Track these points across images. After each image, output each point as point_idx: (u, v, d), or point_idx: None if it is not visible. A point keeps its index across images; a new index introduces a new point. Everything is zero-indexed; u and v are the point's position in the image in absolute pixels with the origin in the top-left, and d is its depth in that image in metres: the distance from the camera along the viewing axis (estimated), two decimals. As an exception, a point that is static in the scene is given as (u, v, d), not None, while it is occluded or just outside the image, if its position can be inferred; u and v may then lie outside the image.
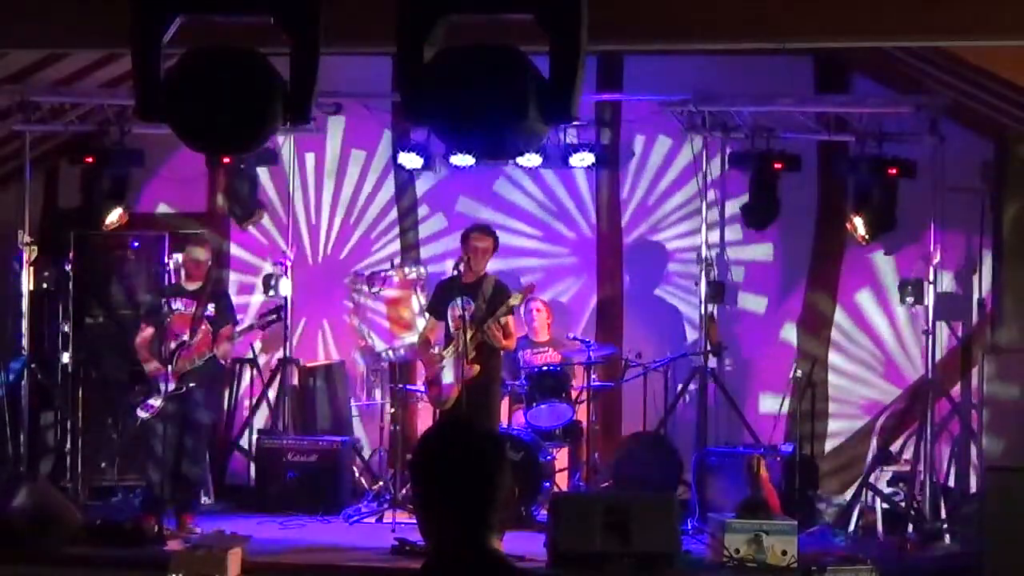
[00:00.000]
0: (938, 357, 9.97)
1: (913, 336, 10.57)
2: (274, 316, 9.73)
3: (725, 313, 10.73)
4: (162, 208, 11.42)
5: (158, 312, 9.10)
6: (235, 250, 11.50)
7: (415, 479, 2.92)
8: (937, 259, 9.75)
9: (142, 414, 9.00)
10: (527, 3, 4.49)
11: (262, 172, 10.95)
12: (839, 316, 10.89)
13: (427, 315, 9.87)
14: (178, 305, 9.08)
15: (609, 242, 11.18)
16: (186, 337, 8.98)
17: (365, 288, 10.88)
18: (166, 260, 10.65)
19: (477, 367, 9.16)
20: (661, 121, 10.65)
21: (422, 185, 11.32)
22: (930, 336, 9.82)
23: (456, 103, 4.44)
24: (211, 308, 9.13)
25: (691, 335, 10.79)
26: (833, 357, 10.85)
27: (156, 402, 8.88)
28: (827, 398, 10.80)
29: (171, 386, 8.91)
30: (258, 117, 4.66)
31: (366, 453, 10.84)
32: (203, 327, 9.14)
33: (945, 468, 9.96)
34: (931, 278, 9.76)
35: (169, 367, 8.88)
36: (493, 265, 9.79)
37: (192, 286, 9.16)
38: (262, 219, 11.05)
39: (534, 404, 9.76)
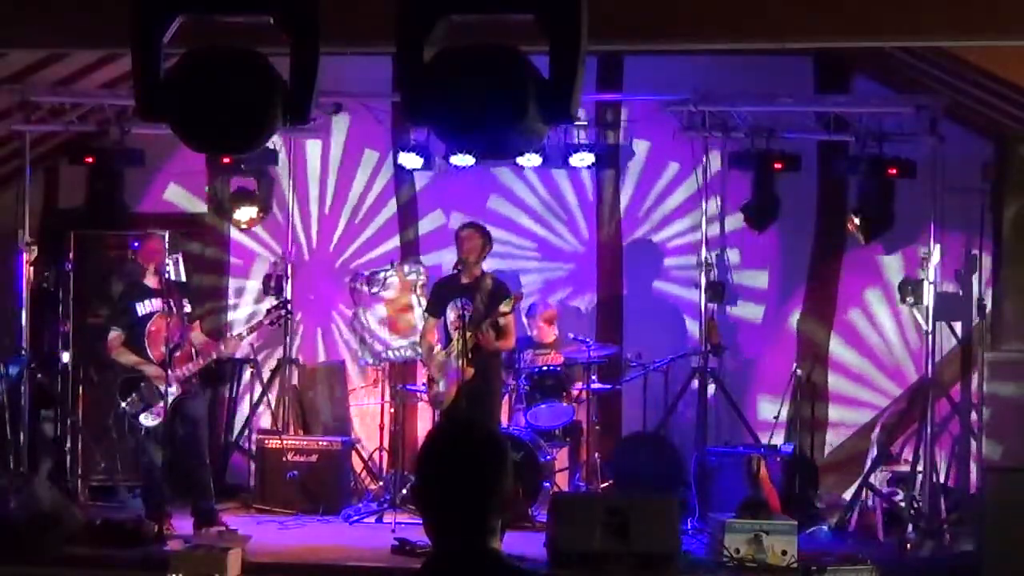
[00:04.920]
0: (938, 357, 9.97)
1: (913, 336, 10.57)
2: (282, 311, 9.70)
3: (725, 313, 10.73)
4: (162, 208, 11.41)
5: (127, 314, 9.00)
6: (235, 250, 11.49)
7: (418, 479, 2.93)
8: (937, 259, 9.74)
9: (148, 422, 8.91)
10: (527, 3, 4.48)
11: (262, 172, 10.94)
12: (839, 316, 10.89)
13: (426, 315, 9.89)
14: (155, 306, 8.96)
15: (609, 242, 11.17)
16: (176, 337, 8.93)
17: (365, 288, 10.88)
18: (166, 260, 10.63)
19: (471, 370, 9.16)
20: (661, 121, 10.65)
21: (422, 185, 11.32)
22: (930, 336, 9.82)
23: (456, 103, 4.43)
24: (186, 304, 9.10)
25: (691, 335, 10.78)
26: (833, 357, 10.86)
27: (159, 409, 8.82)
28: (827, 398, 10.81)
29: (176, 390, 8.88)
30: (258, 117, 4.65)
31: (366, 453, 10.84)
32: (194, 325, 9.14)
33: (945, 468, 9.95)
34: (931, 278, 9.75)
35: (170, 371, 8.83)
36: (493, 265, 9.80)
37: (156, 284, 9.03)
38: (262, 219, 11.04)
39: (534, 404, 9.77)
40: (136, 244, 9.33)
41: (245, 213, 10.76)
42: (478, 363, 9.24)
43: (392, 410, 10.42)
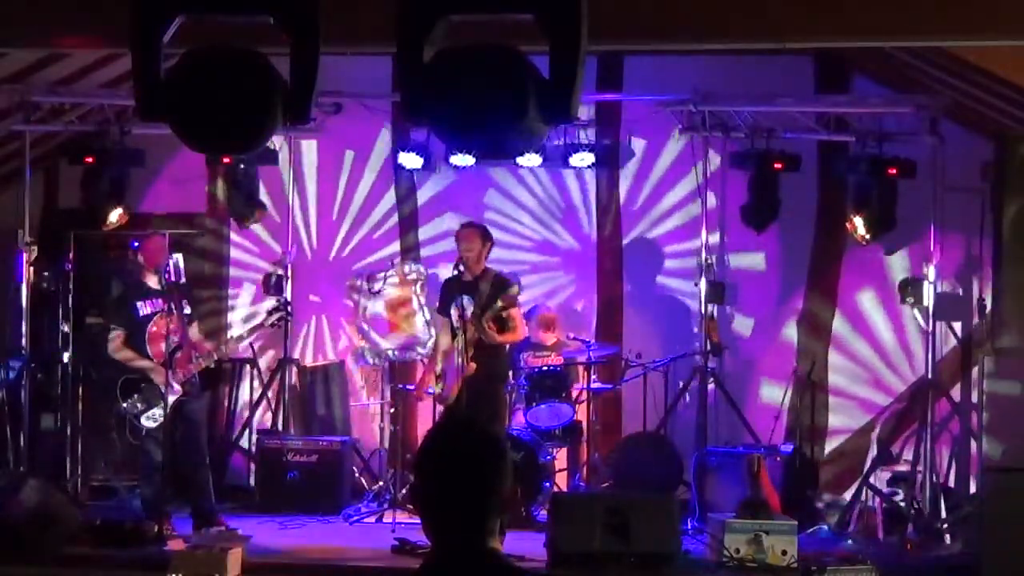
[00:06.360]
0: (938, 357, 9.97)
1: (913, 336, 10.57)
2: (282, 312, 9.70)
3: (725, 313, 10.73)
4: (162, 208, 11.42)
5: (128, 314, 9.01)
6: (235, 250, 11.49)
7: (417, 478, 2.92)
8: (937, 259, 9.75)
9: (149, 423, 8.90)
10: (527, 3, 4.48)
11: (262, 172, 10.95)
12: (839, 316, 10.89)
13: (438, 315, 9.90)
14: (156, 306, 8.95)
15: (609, 242, 11.17)
16: (176, 338, 8.93)
17: (365, 288, 10.89)
18: (166, 260, 10.62)
19: (474, 365, 9.17)
20: (661, 121, 10.65)
21: (422, 185, 11.32)
22: (930, 336, 9.82)
23: (456, 103, 4.43)
24: (186, 305, 9.09)
25: (691, 335, 10.78)
26: (833, 357, 10.85)
27: (160, 410, 8.81)
28: (827, 398, 10.80)
29: (176, 391, 8.87)
30: (258, 117, 4.65)
31: (366, 453, 10.84)
32: (194, 325, 9.15)
33: (945, 468, 9.96)
34: (931, 278, 9.76)
35: (170, 371, 8.82)
36: (493, 265, 9.79)
37: (156, 284, 9.01)
38: (262, 219, 11.05)
39: (534, 404, 9.77)
40: (136, 244, 9.33)
41: (244, 213, 10.75)
42: (481, 359, 9.24)
43: (392, 410, 10.41)
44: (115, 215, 10.29)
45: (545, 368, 9.97)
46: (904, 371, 10.70)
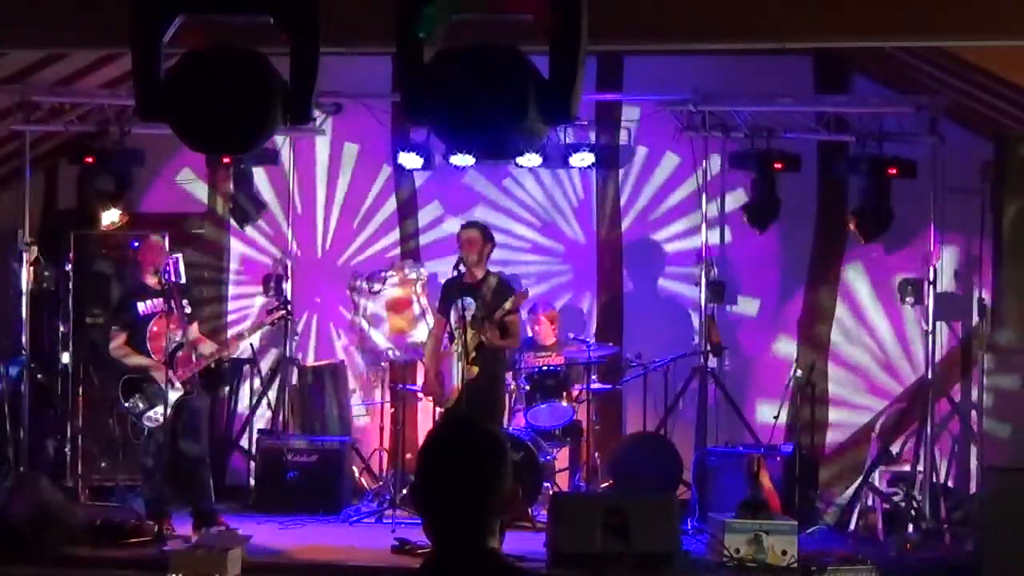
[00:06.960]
0: (938, 357, 9.97)
1: (913, 336, 10.57)
2: (282, 311, 9.69)
3: (725, 313, 10.73)
4: (162, 208, 11.41)
5: (129, 314, 9.00)
6: (235, 250, 11.49)
7: (418, 477, 2.92)
8: (937, 259, 9.75)
9: (150, 423, 8.88)
10: (528, 3, 4.49)
11: (262, 172, 10.95)
12: (839, 316, 10.89)
13: (437, 315, 9.89)
14: (156, 306, 8.94)
15: (609, 242, 11.17)
16: (178, 337, 8.93)
17: (365, 288, 10.88)
18: (166, 260, 10.62)
19: (475, 368, 9.18)
20: (661, 121, 10.65)
21: (422, 185, 11.32)
22: (930, 336, 9.82)
23: (456, 103, 4.44)
24: (186, 304, 9.08)
25: (691, 335, 10.78)
26: (833, 357, 10.85)
27: (161, 409, 8.80)
28: (827, 398, 10.80)
29: (177, 390, 8.86)
30: (258, 117, 4.66)
31: (366, 453, 10.84)
32: (194, 325, 9.15)
33: (945, 468, 9.96)
34: (931, 278, 9.76)
35: (171, 370, 8.81)
36: (493, 265, 9.80)
37: (156, 284, 9.00)
38: (262, 219, 11.04)
39: (534, 404, 9.77)
40: (136, 244, 9.33)
41: (245, 213, 10.75)
42: (482, 362, 9.24)
43: (392, 410, 10.41)
44: (114, 215, 10.29)
45: (545, 368, 9.96)
46: (904, 371, 10.70)
